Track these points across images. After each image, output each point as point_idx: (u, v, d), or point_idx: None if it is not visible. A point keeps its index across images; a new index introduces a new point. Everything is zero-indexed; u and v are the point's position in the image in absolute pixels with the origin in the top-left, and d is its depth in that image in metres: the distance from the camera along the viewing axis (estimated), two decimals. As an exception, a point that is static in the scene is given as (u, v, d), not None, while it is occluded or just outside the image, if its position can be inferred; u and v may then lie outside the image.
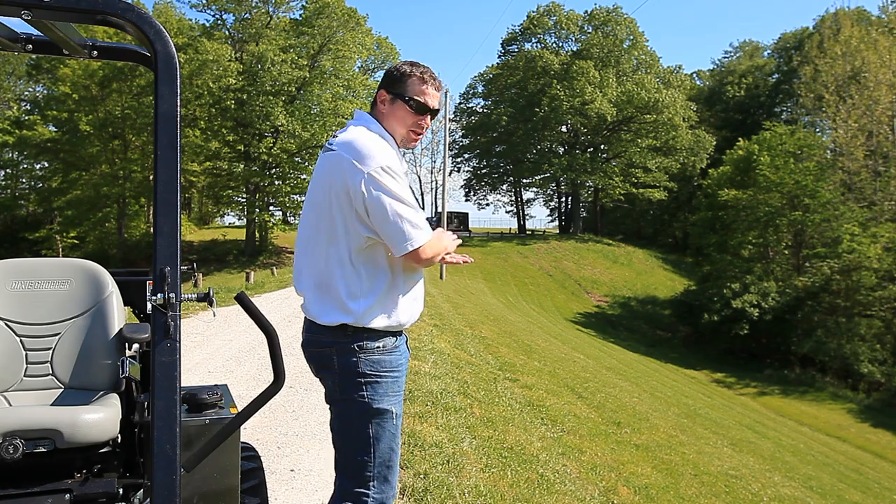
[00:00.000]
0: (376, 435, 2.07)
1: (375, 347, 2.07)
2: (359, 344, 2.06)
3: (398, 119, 2.15)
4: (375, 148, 2.03)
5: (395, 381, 2.12)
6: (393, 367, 2.10)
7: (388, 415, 2.08)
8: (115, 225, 39.68)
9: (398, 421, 2.12)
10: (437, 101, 2.18)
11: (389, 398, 2.09)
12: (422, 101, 2.13)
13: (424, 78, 2.13)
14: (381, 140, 2.09)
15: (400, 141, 2.17)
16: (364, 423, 2.07)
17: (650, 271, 44.50)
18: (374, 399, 2.06)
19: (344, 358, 2.06)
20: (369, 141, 2.05)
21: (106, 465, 2.15)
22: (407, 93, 2.12)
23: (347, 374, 2.07)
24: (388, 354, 2.09)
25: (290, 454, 4.36)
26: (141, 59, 2.36)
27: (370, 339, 2.07)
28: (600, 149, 52.27)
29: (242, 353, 7.74)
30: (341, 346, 2.07)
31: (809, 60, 37.96)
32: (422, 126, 2.17)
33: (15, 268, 2.42)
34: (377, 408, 2.06)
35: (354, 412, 2.08)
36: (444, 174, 32.23)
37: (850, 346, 26.91)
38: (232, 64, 34.55)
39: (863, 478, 13.96)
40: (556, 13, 51.18)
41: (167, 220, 1.60)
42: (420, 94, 2.13)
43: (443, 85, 2.17)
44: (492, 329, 13.27)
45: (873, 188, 31.69)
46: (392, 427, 2.10)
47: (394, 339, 2.12)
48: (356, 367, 2.05)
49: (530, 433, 5.51)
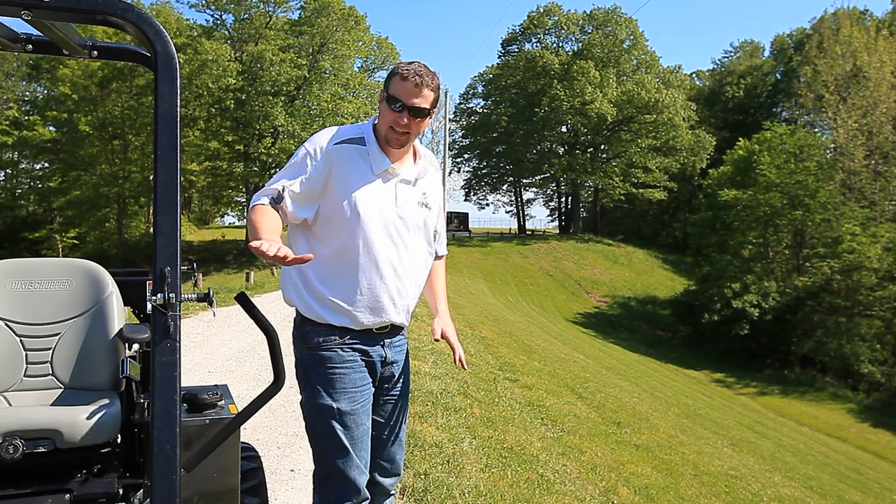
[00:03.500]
0: (323, 432, 2.09)
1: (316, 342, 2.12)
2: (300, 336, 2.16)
3: (382, 117, 2.14)
4: (318, 133, 2.17)
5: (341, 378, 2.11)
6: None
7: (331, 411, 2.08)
8: (114, 225, 39.70)
9: (348, 417, 2.08)
10: (417, 99, 2.06)
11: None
12: (396, 97, 2.07)
13: (405, 75, 2.07)
14: (331, 129, 2.18)
15: (384, 139, 2.13)
16: (309, 419, 2.15)
17: (650, 271, 44.48)
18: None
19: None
20: (323, 129, 2.20)
21: (106, 466, 2.15)
22: (388, 90, 2.11)
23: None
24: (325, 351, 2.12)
25: (290, 454, 4.36)
26: (141, 59, 2.35)
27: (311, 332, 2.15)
28: (600, 149, 52.25)
29: (242, 353, 7.73)
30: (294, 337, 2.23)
31: (809, 60, 37.93)
32: (398, 123, 2.07)
33: (15, 268, 2.42)
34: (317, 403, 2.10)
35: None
36: (444, 174, 32.25)
37: (851, 346, 26.89)
38: (231, 64, 34.56)
39: (863, 478, 13.96)
40: (556, 13, 51.15)
41: (167, 220, 1.60)
42: (398, 90, 2.07)
43: (432, 83, 2.08)
44: (492, 329, 13.26)
45: (873, 188, 31.67)
46: (338, 424, 2.07)
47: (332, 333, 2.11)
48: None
49: (530, 433, 5.51)
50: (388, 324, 2.17)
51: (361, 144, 2.14)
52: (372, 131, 2.17)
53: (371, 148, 2.14)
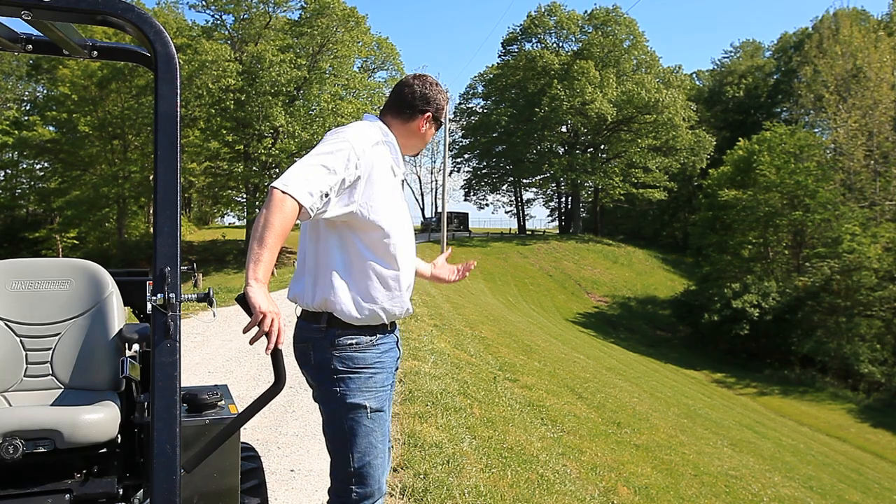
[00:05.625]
0: (351, 431, 2.09)
1: (349, 344, 2.11)
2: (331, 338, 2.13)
3: (427, 133, 2.36)
4: (357, 128, 2.16)
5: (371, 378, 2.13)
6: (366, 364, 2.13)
7: (361, 410, 2.10)
8: (114, 225, 39.70)
9: (375, 415, 2.11)
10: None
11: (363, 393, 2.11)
12: (440, 119, 2.35)
13: (447, 97, 2.42)
14: (373, 128, 2.21)
15: (412, 150, 2.37)
16: (338, 419, 2.12)
17: (650, 271, 44.48)
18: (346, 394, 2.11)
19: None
20: (360, 125, 2.21)
21: (106, 466, 2.15)
22: (440, 115, 2.36)
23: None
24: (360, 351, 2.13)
25: (290, 454, 4.36)
26: (141, 59, 2.35)
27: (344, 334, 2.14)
28: (600, 149, 52.24)
29: (242, 353, 7.73)
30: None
31: (809, 61, 37.94)
32: (432, 138, 2.38)
33: (15, 268, 2.42)
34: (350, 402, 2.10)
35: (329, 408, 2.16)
36: (444, 174, 32.25)
37: (851, 346, 26.89)
38: (231, 64, 34.55)
39: (863, 478, 13.96)
40: (556, 13, 51.14)
41: (167, 220, 1.61)
42: (444, 112, 2.38)
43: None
44: (492, 329, 13.26)
45: (873, 188, 31.67)
46: (369, 422, 2.10)
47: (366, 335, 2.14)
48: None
49: (530, 433, 5.51)
50: (406, 315, 2.28)
51: (390, 146, 2.23)
52: (391, 134, 2.26)
53: (395, 152, 2.25)
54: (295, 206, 1.86)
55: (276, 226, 1.82)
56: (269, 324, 1.77)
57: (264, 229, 1.82)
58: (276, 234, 1.83)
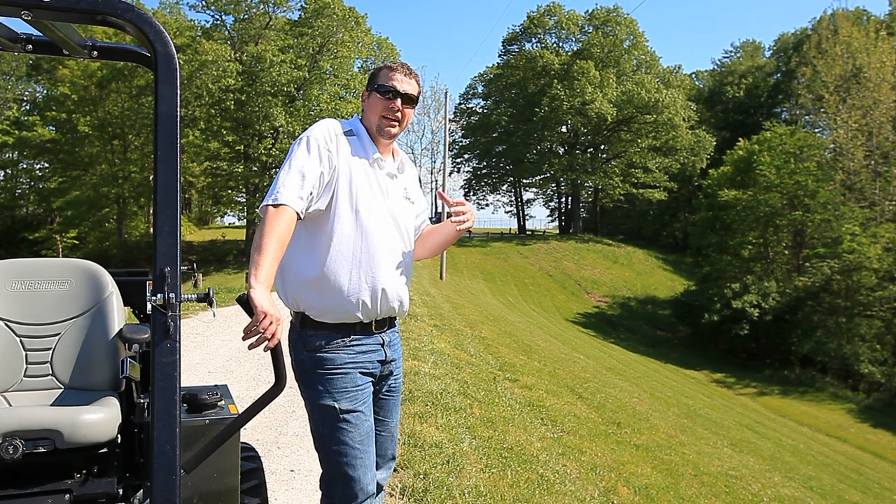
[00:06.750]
0: (325, 433, 2.09)
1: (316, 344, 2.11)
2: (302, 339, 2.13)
3: (371, 109, 2.23)
4: (316, 125, 2.16)
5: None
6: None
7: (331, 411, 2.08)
8: (114, 225, 39.70)
9: (350, 416, 2.08)
10: (407, 86, 2.21)
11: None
12: (388, 85, 2.19)
13: (392, 66, 2.23)
14: (331, 121, 2.19)
15: (376, 130, 2.22)
16: (313, 420, 2.13)
17: (650, 271, 44.48)
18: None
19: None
20: (319, 122, 2.19)
21: (106, 466, 2.15)
22: (376, 82, 2.23)
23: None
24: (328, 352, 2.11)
25: (290, 454, 4.36)
26: (141, 59, 2.35)
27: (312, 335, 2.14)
28: (600, 149, 52.24)
29: (242, 353, 7.73)
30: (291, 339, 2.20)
31: (808, 61, 37.93)
32: (392, 110, 2.19)
33: (15, 268, 2.42)
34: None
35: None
36: (444, 174, 32.20)
37: (851, 346, 26.88)
38: (231, 64, 34.56)
39: (863, 478, 13.95)
40: (556, 13, 51.15)
41: (167, 220, 1.60)
42: (388, 80, 2.20)
43: (415, 74, 2.27)
44: (492, 329, 13.26)
45: (873, 188, 31.66)
46: (341, 424, 2.07)
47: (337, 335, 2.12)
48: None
49: (530, 433, 5.51)
50: (387, 317, 2.21)
51: (353, 136, 2.21)
52: (360, 124, 2.26)
53: (362, 138, 2.22)
54: (287, 212, 1.94)
55: (272, 232, 1.89)
56: (266, 324, 1.77)
57: (261, 238, 1.88)
58: (274, 240, 1.88)
